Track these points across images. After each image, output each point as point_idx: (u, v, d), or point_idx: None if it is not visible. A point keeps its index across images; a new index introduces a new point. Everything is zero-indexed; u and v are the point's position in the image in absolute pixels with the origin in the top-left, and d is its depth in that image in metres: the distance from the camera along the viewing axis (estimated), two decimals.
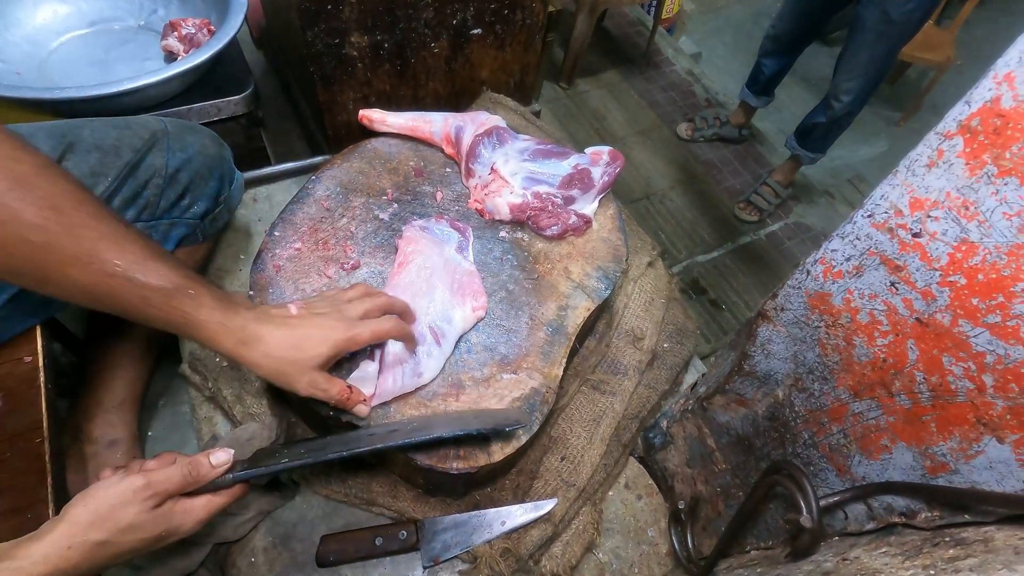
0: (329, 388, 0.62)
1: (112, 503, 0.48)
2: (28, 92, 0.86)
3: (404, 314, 0.70)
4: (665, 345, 1.06)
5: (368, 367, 0.69)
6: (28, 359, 0.71)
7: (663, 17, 2.58)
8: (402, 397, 0.74)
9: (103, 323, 0.88)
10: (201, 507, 0.55)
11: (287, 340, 0.59)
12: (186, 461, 0.54)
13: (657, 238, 2.06)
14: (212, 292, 0.58)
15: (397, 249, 0.84)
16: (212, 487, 0.56)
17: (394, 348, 0.71)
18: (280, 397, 0.88)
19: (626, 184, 2.20)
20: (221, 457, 0.56)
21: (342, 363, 0.70)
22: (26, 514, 0.60)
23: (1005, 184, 0.40)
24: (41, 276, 0.50)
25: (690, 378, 1.08)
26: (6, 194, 0.47)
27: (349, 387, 0.65)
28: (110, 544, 0.48)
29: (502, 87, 1.30)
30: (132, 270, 0.52)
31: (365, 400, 0.68)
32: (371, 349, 0.71)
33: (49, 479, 0.63)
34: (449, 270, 0.81)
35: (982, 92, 0.40)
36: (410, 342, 0.70)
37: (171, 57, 1.11)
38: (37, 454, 0.64)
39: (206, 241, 0.90)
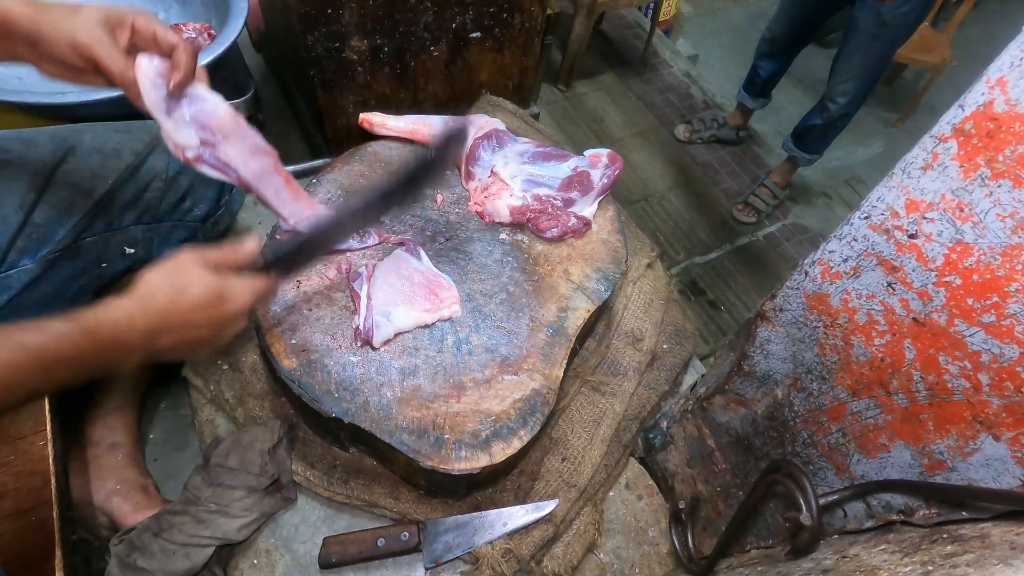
0: (114, 54, 0.55)
1: (175, 266, 0.54)
2: (30, 96, 0.87)
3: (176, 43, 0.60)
4: (664, 346, 1.07)
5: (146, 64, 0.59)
6: None
7: (660, 20, 2.59)
8: (404, 398, 0.74)
9: None
10: (249, 281, 0.58)
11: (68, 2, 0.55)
12: (228, 244, 0.61)
13: (656, 240, 2.07)
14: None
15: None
16: (251, 268, 0.61)
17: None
18: (281, 398, 0.89)
19: (624, 186, 2.20)
20: (249, 242, 0.62)
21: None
22: (30, 516, 0.60)
23: (999, 186, 0.40)
24: None
25: (689, 379, 1.09)
26: None
27: None
28: (176, 304, 0.52)
29: (501, 90, 1.31)
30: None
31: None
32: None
33: (52, 481, 0.63)
34: (404, 277, 0.83)
35: (975, 96, 0.40)
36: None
37: None
38: (41, 456, 0.64)
39: (207, 244, 0.90)
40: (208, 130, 0.64)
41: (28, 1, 0.54)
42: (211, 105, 0.63)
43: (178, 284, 0.53)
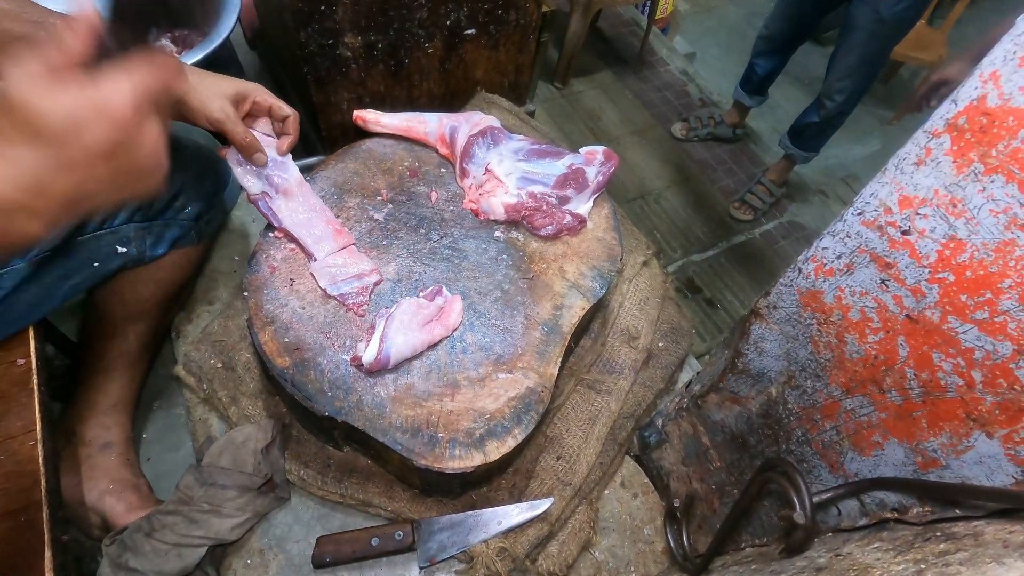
0: (238, 123, 0.73)
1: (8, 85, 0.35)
2: None
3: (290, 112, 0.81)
4: (660, 344, 1.07)
5: (262, 126, 0.80)
6: (21, 361, 0.71)
7: (657, 17, 2.59)
8: (397, 397, 0.74)
9: (97, 325, 0.87)
10: (107, 79, 0.37)
11: (202, 72, 0.73)
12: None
13: (652, 237, 2.07)
14: None
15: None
16: (104, 55, 0.38)
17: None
18: (275, 397, 0.88)
19: (621, 184, 2.20)
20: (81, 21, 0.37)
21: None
22: (20, 517, 0.60)
23: (992, 181, 0.40)
24: None
25: (685, 376, 1.08)
26: None
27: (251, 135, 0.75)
28: (25, 128, 0.35)
29: (496, 87, 1.30)
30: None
31: (262, 152, 0.78)
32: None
33: (43, 482, 0.62)
34: (412, 311, 0.79)
35: (968, 91, 0.40)
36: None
37: None
38: (30, 456, 0.64)
39: (201, 242, 0.89)
40: (273, 187, 0.81)
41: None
42: (288, 173, 0.82)
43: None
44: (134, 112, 0.38)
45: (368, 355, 0.72)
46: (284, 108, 0.79)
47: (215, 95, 0.71)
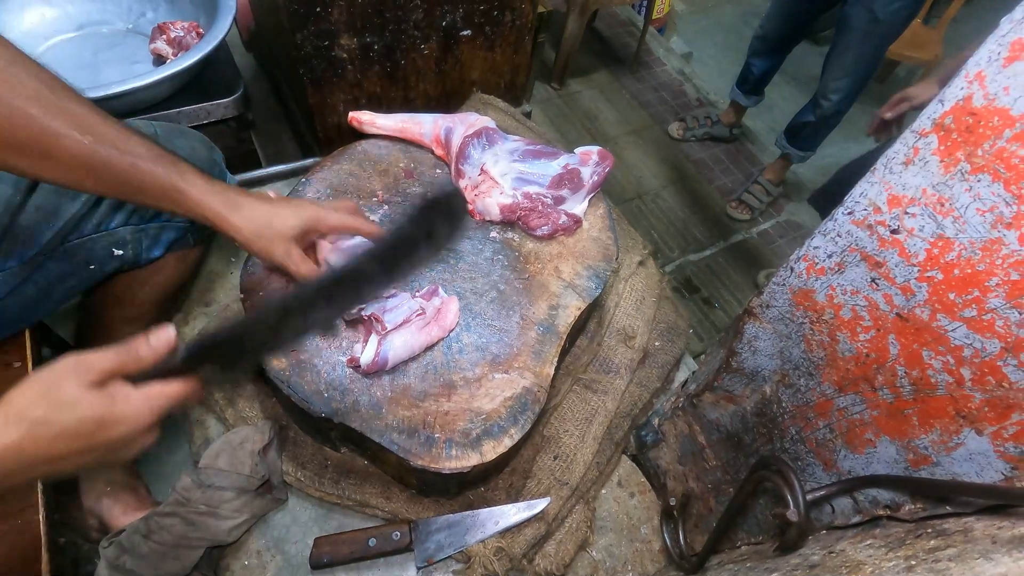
0: (302, 264, 0.69)
1: (48, 380, 0.43)
2: None
3: (367, 229, 0.75)
4: (656, 343, 1.07)
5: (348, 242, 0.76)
6: (17, 364, 0.71)
7: (654, 17, 2.59)
8: (394, 397, 0.74)
9: (92, 327, 0.88)
10: (148, 399, 0.46)
11: (265, 209, 0.66)
12: (125, 342, 0.47)
13: (649, 237, 2.07)
14: (189, 163, 0.63)
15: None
16: (161, 372, 0.46)
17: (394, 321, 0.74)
18: (272, 399, 0.88)
19: (618, 184, 2.21)
20: (162, 337, 0.47)
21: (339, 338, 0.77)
22: (16, 520, 0.60)
23: (978, 180, 0.40)
24: (43, 149, 0.53)
25: (681, 376, 1.09)
26: (6, 68, 0.50)
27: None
28: (52, 424, 0.42)
29: (492, 88, 1.31)
30: (120, 139, 0.57)
31: None
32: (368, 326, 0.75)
33: (39, 485, 0.63)
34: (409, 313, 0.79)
35: (955, 91, 0.40)
36: (370, 233, 0.74)
37: (160, 60, 1.11)
38: None
39: (197, 245, 0.89)
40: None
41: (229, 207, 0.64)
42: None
43: (43, 413, 0.41)
44: (148, 423, 0.46)
45: (365, 357, 0.72)
46: (349, 223, 0.72)
47: (279, 239, 0.67)
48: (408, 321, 0.75)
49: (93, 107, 0.57)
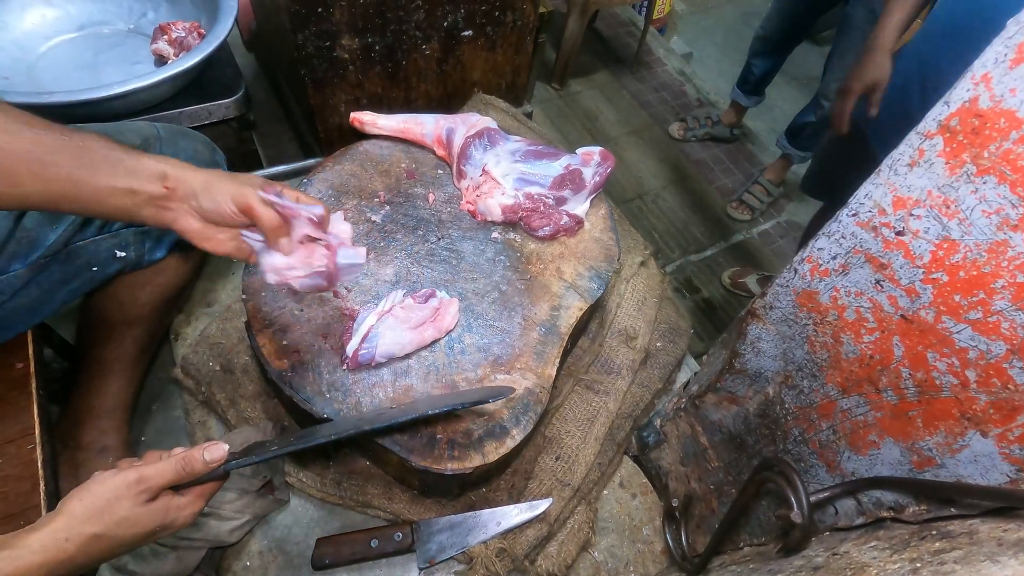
0: (265, 208, 0.59)
1: (107, 497, 0.48)
2: (16, 97, 0.86)
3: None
4: (658, 344, 1.07)
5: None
6: (20, 365, 0.71)
7: (654, 18, 2.59)
8: (396, 398, 0.74)
9: (94, 329, 0.87)
10: (194, 501, 0.54)
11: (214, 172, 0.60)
12: (179, 456, 0.54)
13: (650, 238, 2.07)
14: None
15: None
16: (204, 479, 0.55)
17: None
18: (273, 399, 0.88)
19: (619, 184, 2.20)
20: (216, 453, 0.55)
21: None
22: (19, 520, 0.60)
23: (984, 182, 0.40)
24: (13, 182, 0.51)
25: (683, 377, 1.09)
26: None
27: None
28: (105, 537, 0.48)
29: (494, 88, 1.31)
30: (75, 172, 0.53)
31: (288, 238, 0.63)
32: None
33: (42, 485, 0.63)
34: (403, 311, 0.78)
35: (960, 93, 0.40)
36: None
37: (161, 61, 1.11)
38: (29, 460, 0.64)
39: None
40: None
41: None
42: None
43: (101, 530, 0.47)
44: (196, 514, 0.55)
45: (350, 347, 0.72)
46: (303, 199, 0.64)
47: (246, 180, 0.61)
48: (403, 318, 0.75)
49: (51, 134, 0.54)
